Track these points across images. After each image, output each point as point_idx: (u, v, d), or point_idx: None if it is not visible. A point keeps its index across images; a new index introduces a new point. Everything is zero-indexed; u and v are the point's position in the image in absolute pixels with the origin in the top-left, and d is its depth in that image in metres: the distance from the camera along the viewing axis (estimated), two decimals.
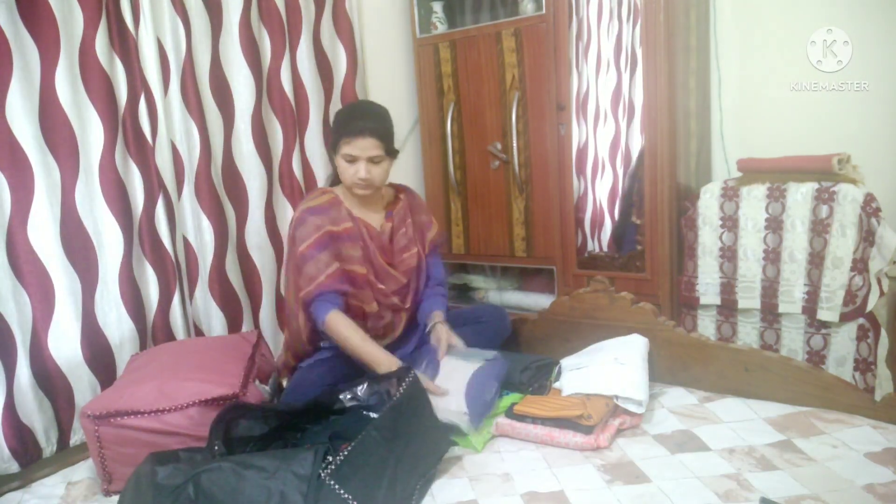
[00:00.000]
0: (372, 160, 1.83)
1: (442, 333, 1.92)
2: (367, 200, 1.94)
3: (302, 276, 1.82)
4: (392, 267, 1.96)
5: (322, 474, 1.26)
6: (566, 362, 1.88)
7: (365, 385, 1.67)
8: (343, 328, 1.78)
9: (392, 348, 1.91)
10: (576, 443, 1.59)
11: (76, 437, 1.88)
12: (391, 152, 1.89)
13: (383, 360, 1.74)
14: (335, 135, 1.88)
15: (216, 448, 1.40)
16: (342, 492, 1.26)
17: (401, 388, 1.49)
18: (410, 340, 2.02)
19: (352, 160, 1.83)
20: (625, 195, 2.53)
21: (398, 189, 2.07)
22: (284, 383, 1.99)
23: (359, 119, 1.84)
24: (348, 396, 1.67)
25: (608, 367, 1.76)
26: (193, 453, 1.44)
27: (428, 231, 2.07)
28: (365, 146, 1.82)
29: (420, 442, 1.46)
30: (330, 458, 1.29)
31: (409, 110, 2.91)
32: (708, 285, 2.23)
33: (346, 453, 1.31)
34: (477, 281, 2.87)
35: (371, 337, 1.85)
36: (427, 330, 1.97)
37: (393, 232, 1.98)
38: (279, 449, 1.54)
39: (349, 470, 1.30)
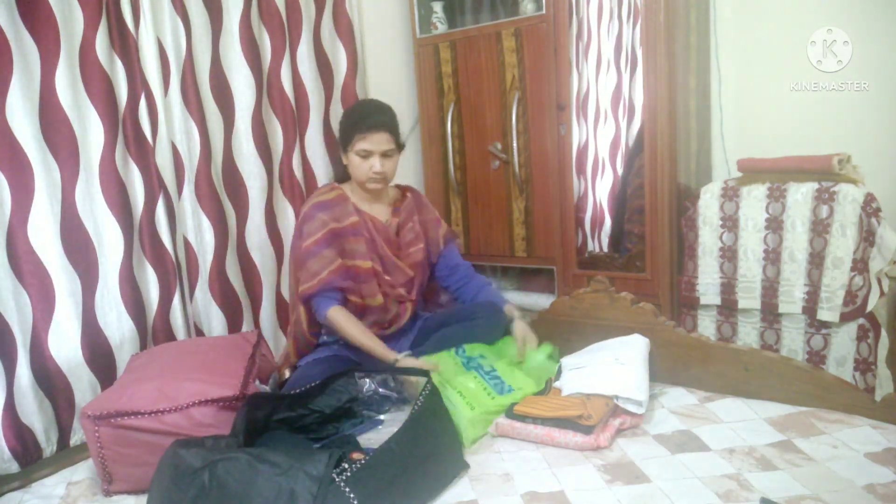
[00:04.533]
0: (385, 154, 1.94)
1: (519, 331, 2.02)
2: (374, 196, 2.03)
3: (304, 270, 1.91)
4: (399, 259, 2.03)
5: (336, 478, 1.27)
6: (566, 362, 1.88)
7: (378, 378, 1.78)
8: (344, 322, 1.90)
9: (395, 337, 2.04)
10: (576, 443, 1.59)
11: (76, 438, 1.88)
12: (400, 146, 2.02)
13: (381, 353, 1.86)
14: (348, 132, 1.96)
15: (238, 438, 1.43)
16: (353, 499, 1.27)
17: (420, 399, 1.49)
18: (413, 328, 2.11)
19: (366, 155, 1.93)
20: (619, 196, 2.53)
21: (404, 189, 2.17)
22: (287, 373, 2.03)
23: (373, 115, 1.95)
24: (365, 380, 1.78)
25: (608, 367, 1.76)
26: (219, 440, 1.44)
27: (438, 228, 2.17)
28: (379, 140, 1.92)
29: (436, 460, 1.46)
30: (345, 465, 1.30)
31: (409, 110, 2.91)
32: (708, 285, 2.23)
33: (363, 461, 1.32)
34: None
35: (375, 327, 1.99)
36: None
37: (400, 227, 2.07)
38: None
39: (366, 475, 1.30)
